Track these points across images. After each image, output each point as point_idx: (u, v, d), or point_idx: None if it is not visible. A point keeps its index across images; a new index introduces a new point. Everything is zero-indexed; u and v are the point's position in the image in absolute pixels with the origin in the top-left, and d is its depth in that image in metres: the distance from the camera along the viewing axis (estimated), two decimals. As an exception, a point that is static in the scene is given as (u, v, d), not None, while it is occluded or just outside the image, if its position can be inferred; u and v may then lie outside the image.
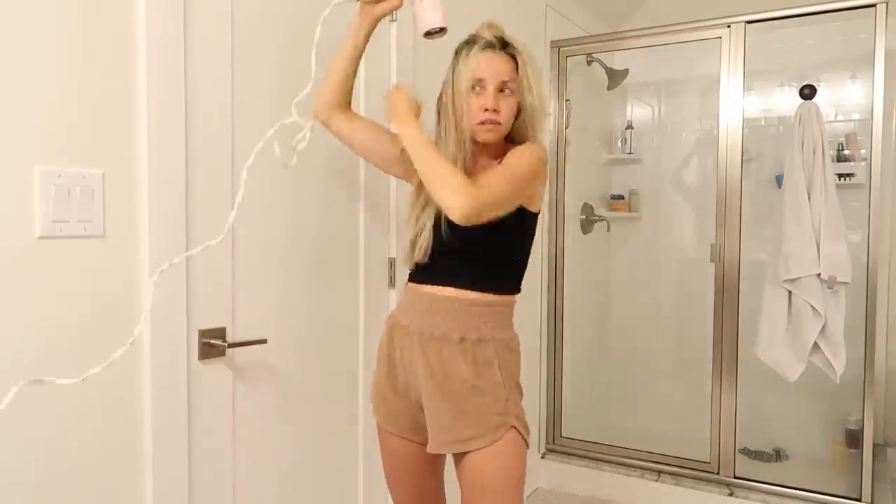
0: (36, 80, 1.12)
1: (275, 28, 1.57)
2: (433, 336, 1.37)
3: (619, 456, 2.86)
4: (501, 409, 1.35)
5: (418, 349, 1.38)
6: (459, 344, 1.36)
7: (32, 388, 1.13)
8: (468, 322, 1.36)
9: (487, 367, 1.36)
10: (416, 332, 1.39)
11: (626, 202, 3.57)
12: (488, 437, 1.32)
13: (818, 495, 2.48)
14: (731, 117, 2.58)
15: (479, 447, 1.32)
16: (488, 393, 1.35)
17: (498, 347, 1.39)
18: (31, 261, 1.13)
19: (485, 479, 1.33)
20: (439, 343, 1.36)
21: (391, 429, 1.48)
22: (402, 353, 1.42)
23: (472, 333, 1.36)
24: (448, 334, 1.36)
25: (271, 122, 1.55)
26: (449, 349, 1.36)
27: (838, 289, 2.46)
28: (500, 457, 1.33)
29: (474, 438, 1.33)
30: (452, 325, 1.36)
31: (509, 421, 1.35)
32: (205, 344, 1.42)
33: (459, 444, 1.34)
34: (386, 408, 1.47)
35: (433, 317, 1.37)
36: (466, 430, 1.33)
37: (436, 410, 1.36)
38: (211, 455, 1.44)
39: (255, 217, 1.53)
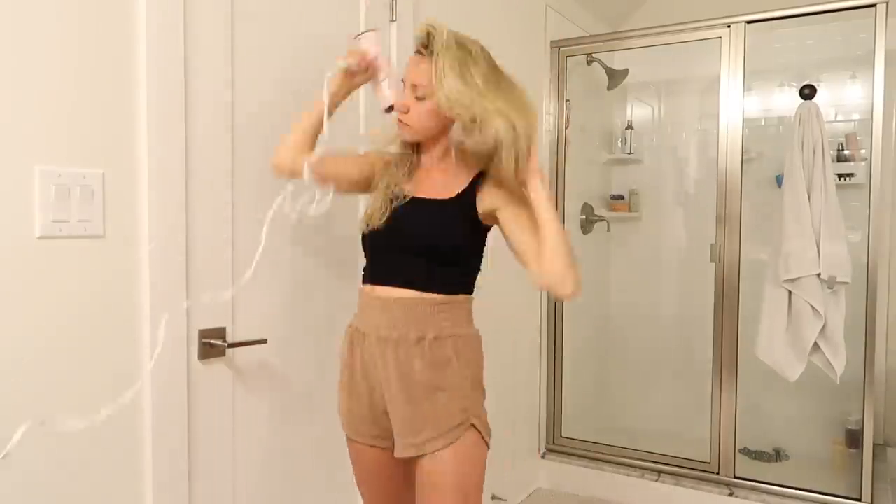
0: (36, 80, 1.12)
1: (276, 26, 1.57)
2: (390, 338, 1.34)
3: (619, 456, 2.86)
4: (462, 407, 1.32)
5: (377, 353, 1.35)
6: (417, 344, 1.32)
7: (34, 388, 1.13)
8: (425, 320, 1.33)
9: (446, 364, 1.33)
10: (373, 336, 1.36)
11: (626, 202, 3.56)
12: (447, 437, 1.30)
13: (818, 495, 2.48)
14: (731, 117, 2.58)
15: (434, 449, 1.30)
16: (447, 390, 1.32)
17: (457, 344, 1.35)
18: (31, 261, 1.13)
19: (436, 479, 1.30)
20: (396, 344, 1.33)
21: (358, 437, 1.44)
22: (362, 360, 1.39)
23: (430, 332, 1.33)
24: (405, 334, 1.33)
25: (272, 121, 1.56)
26: (406, 349, 1.32)
27: (838, 289, 2.46)
28: (456, 458, 1.30)
29: (432, 440, 1.30)
30: (409, 325, 1.33)
31: (469, 420, 1.32)
32: (205, 344, 1.42)
33: (418, 447, 1.31)
34: (350, 416, 1.44)
35: (389, 318, 1.34)
36: (424, 431, 1.31)
37: (398, 414, 1.34)
38: (211, 455, 1.44)
39: (255, 217, 1.53)
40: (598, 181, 3.54)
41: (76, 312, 1.19)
